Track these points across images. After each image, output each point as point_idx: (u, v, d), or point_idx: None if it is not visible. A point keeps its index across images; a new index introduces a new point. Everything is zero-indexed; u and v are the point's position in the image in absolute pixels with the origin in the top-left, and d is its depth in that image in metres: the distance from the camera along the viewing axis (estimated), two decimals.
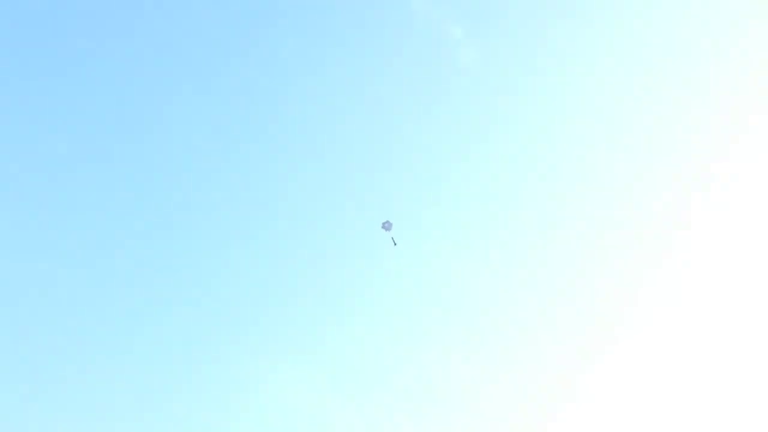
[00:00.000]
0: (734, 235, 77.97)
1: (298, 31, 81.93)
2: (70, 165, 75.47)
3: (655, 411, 69.48)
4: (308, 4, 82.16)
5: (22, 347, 66.32)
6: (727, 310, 74.19)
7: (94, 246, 72.71)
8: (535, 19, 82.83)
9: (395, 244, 57.02)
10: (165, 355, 69.45)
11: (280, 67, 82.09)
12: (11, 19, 76.53)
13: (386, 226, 57.28)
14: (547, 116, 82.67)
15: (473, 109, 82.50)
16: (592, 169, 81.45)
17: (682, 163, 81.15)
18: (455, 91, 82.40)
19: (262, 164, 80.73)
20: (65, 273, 70.87)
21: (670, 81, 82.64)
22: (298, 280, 76.00)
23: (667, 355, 72.62)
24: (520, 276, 77.38)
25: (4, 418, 62.02)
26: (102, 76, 78.35)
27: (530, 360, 72.53)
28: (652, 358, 72.60)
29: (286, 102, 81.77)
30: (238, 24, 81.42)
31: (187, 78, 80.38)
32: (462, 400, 69.82)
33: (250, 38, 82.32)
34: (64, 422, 63.49)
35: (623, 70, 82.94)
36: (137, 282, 72.15)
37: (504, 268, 77.63)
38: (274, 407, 68.32)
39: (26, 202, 72.54)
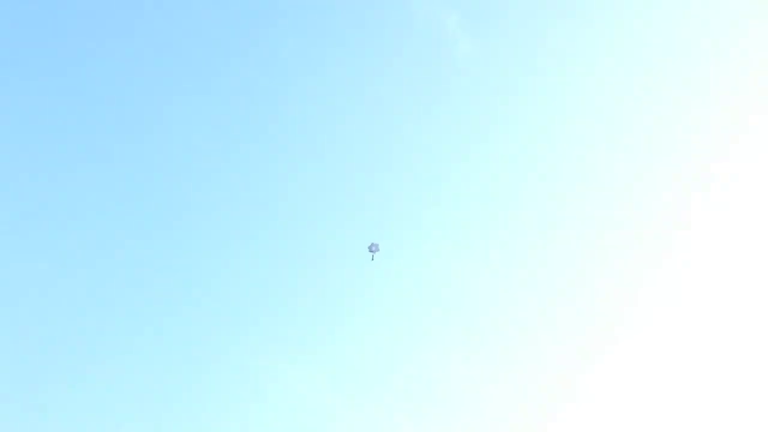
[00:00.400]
0: (734, 235, 78.09)
1: (297, 31, 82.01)
2: (70, 165, 75.58)
3: (655, 411, 69.53)
4: (308, 4, 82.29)
5: (22, 347, 66.35)
6: (727, 310, 74.28)
7: (94, 246, 72.81)
8: (535, 19, 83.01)
9: (372, 259, 59.03)
10: (167, 354, 69.53)
11: (279, 67, 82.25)
12: (11, 19, 76.61)
13: (372, 248, 58.26)
14: (547, 116, 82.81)
15: (473, 109, 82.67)
16: (592, 169, 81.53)
17: (682, 163, 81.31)
18: (455, 91, 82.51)
19: (262, 164, 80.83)
20: (65, 273, 70.98)
21: (670, 81, 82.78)
22: (299, 280, 76.09)
23: (666, 355, 72.68)
24: (520, 276, 77.46)
25: (4, 418, 62.07)
26: (102, 76, 78.48)
27: (530, 360, 72.58)
28: (651, 358, 72.64)
29: (285, 101, 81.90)
30: (238, 24, 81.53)
31: (187, 78, 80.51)
32: (462, 400, 69.87)
33: (250, 38, 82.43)
34: (64, 422, 63.53)
35: (623, 70, 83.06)
36: (137, 282, 72.23)
37: (504, 268, 77.69)
38: (275, 406, 68.40)
39: (26, 202, 72.63)
